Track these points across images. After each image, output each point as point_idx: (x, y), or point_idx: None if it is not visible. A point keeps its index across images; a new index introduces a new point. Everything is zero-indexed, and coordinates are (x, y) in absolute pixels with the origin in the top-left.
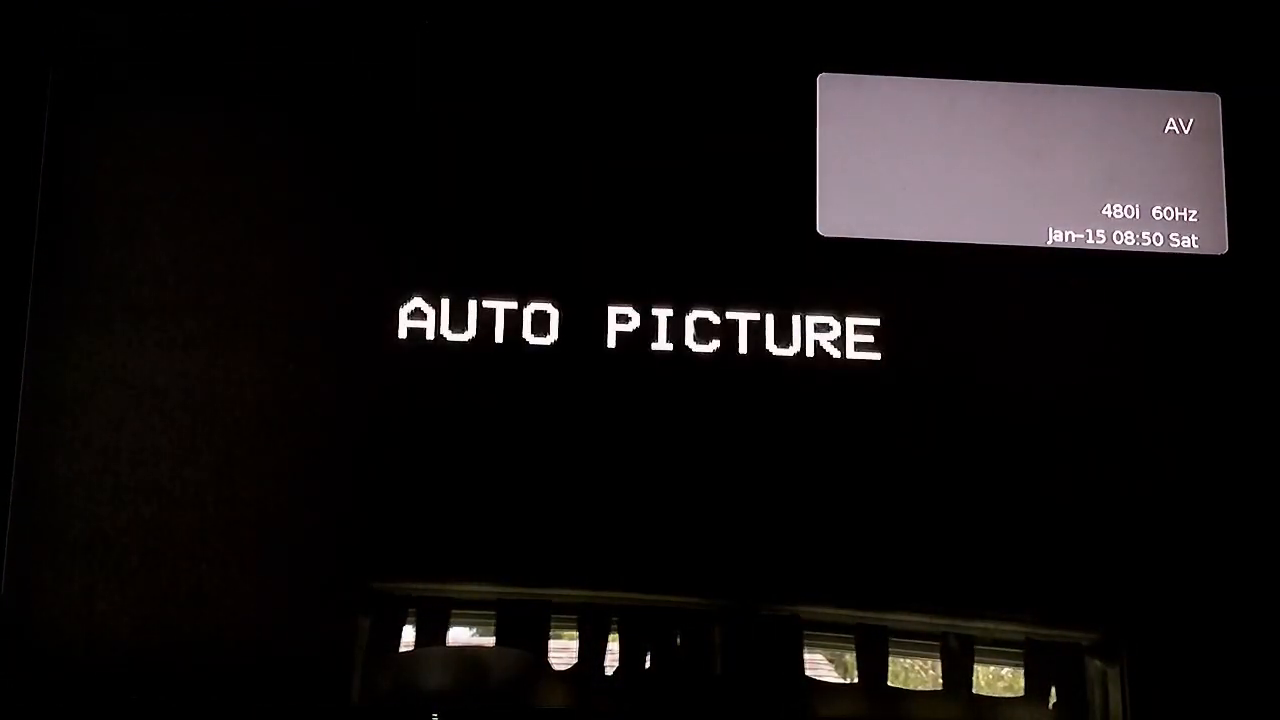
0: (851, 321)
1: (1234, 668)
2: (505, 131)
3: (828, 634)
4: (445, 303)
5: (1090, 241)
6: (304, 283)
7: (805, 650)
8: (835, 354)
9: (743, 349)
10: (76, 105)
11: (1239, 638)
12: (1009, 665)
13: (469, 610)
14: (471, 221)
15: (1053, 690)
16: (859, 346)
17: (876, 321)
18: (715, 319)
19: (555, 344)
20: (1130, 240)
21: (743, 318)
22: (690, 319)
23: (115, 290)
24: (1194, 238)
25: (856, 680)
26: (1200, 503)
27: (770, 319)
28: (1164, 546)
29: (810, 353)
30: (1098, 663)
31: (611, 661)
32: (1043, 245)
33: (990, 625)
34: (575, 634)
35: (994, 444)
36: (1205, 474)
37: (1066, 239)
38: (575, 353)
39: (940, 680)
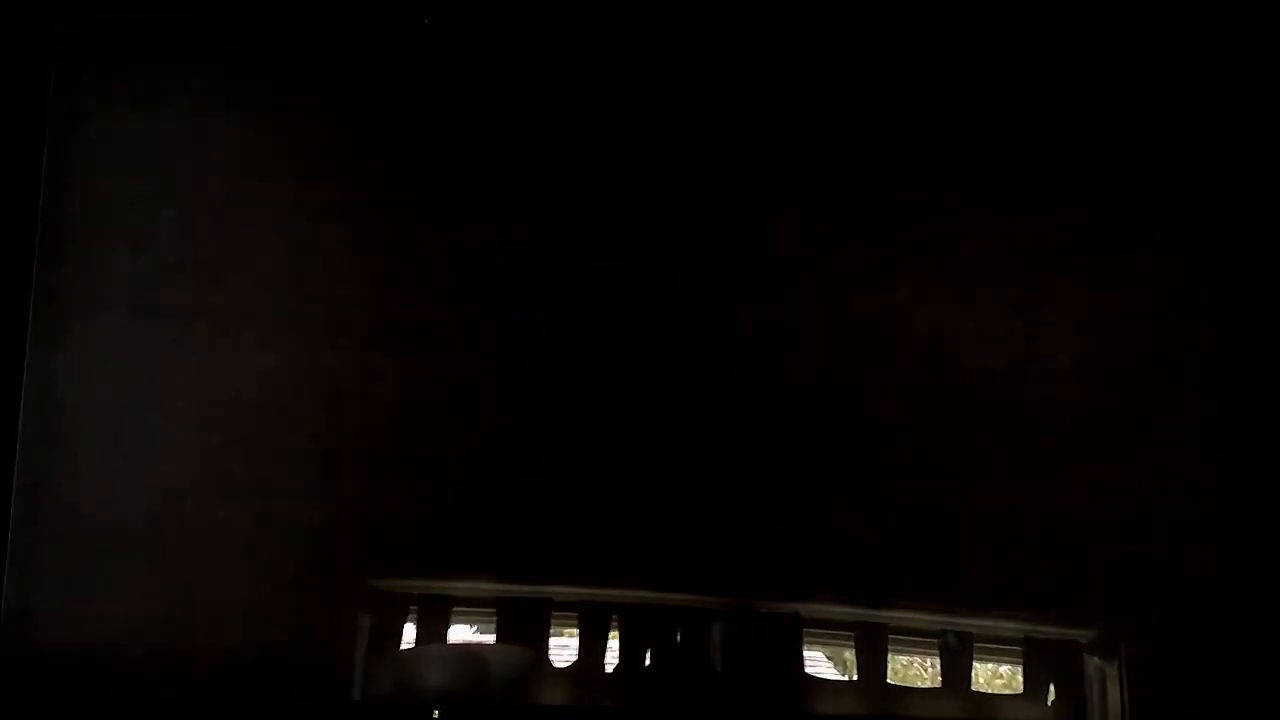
0: None
1: (1233, 668)
2: None
3: (827, 631)
4: None
5: None
6: (304, 284)
7: (805, 647)
8: None
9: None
10: (77, 104)
11: (1238, 638)
12: (1007, 662)
13: (469, 608)
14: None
15: (1051, 687)
16: None
17: None
18: None
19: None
20: None
21: None
22: None
23: (117, 290)
24: None
25: (856, 677)
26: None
27: None
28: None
29: None
30: (1096, 660)
31: (611, 659)
32: None
33: (989, 623)
34: (575, 631)
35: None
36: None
37: None
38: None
39: (939, 677)
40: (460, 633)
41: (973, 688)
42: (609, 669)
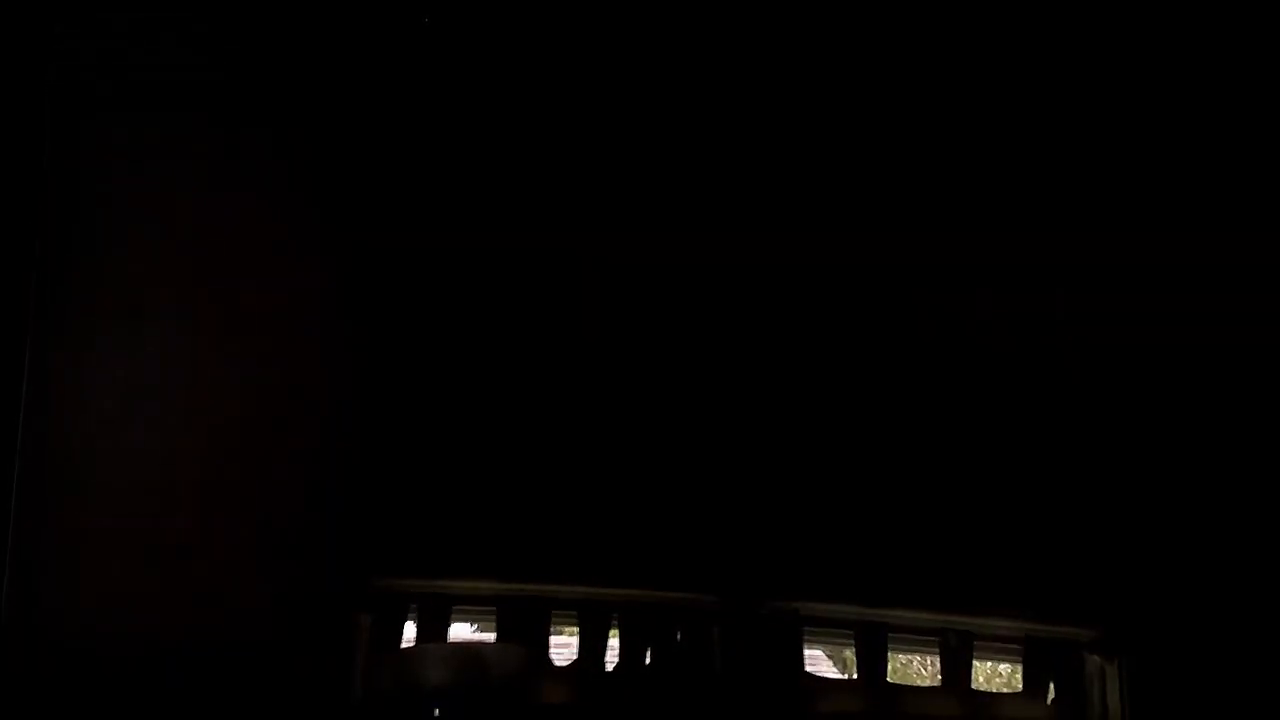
0: None
1: (1233, 665)
2: None
3: (827, 630)
4: None
5: None
6: (305, 285)
7: (805, 646)
8: None
9: None
10: (77, 104)
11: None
12: (1007, 661)
13: (470, 607)
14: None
15: (1051, 686)
16: None
17: None
18: None
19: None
20: None
21: None
22: None
23: (117, 292)
24: None
25: (855, 676)
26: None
27: None
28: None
29: None
30: (1096, 658)
31: (611, 658)
32: None
33: (989, 621)
34: (575, 630)
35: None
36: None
37: None
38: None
39: (939, 676)
40: (460, 631)
41: (973, 686)
42: (609, 669)
